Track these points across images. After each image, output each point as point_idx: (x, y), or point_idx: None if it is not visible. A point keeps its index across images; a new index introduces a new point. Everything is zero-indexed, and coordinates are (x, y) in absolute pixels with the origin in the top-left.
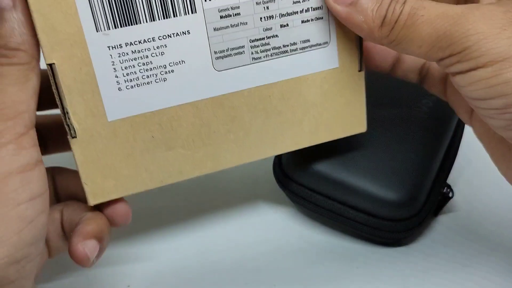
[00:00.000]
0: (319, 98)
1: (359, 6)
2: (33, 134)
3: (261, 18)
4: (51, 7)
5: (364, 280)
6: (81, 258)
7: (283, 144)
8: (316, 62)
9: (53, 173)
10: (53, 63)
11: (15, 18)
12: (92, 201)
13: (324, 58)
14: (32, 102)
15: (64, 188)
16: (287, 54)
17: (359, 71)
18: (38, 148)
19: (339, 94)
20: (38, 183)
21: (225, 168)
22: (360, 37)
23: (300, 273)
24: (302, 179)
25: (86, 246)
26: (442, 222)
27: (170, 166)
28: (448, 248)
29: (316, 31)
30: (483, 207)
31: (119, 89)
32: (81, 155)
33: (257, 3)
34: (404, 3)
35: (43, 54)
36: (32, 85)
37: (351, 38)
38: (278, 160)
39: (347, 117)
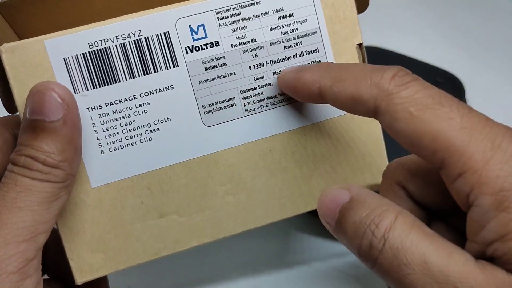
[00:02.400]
0: (328, 150)
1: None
2: (40, 255)
3: (250, 67)
4: (28, 72)
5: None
6: None
7: (295, 206)
8: (319, 110)
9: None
10: None
11: (61, 134)
12: (79, 278)
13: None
14: (54, 222)
15: (52, 264)
16: (284, 103)
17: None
18: (40, 270)
19: (351, 144)
20: None
21: (227, 236)
22: None
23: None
24: None
25: None
26: None
27: (165, 235)
28: None
29: None
30: None
31: (102, 152)
32: (65, 227)
33: (244, 51)
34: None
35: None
36: (61, 203)
37: None
38: None
39: (366, 168)
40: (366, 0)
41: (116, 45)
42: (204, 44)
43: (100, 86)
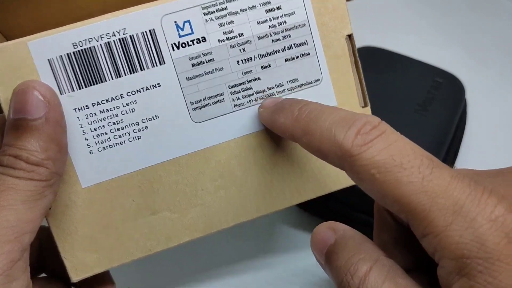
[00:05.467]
0: None
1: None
2: (26, 256)
3: (238, 62)
4: (13, 75)
5: None
6: None
7: (284, 199)
8: None
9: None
10: None
11: (44, 132)
12: (74, 277)
13: (319, 97)
14: (40, 221)
15: (50, 262)
16: (274, 96)
17: (363, 107)
18: (28, 272)
19: None
20: None
21: (219, 230)
22: (357, 69)
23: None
24: None
25: None
26: None
27: (157, 232)
28: None
29: (304, 69)
30: None
31: (91, 152)
32: (57, 228)
33: (231, 46)
34: None
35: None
36: (45, 203)
37: (346, 71)
38: None
39: None
40: None
41: (101, 44)
42: (190, 41)
43: (86, 86)
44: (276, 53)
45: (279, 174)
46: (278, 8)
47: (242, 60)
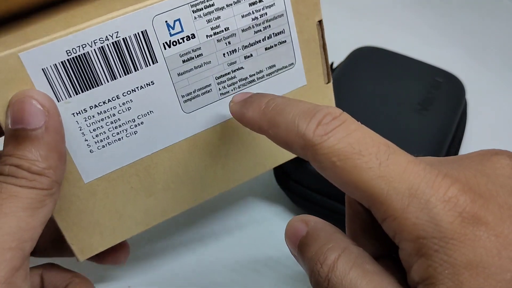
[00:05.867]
0: None
1: None
2: (27, 264)
3: (224, 54)
4: (7, 87)
5: None
6: None
7: (262, 165)
8: (283, 84)
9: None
10: None
11: (44, 141)
12: (81, 258)
13: (292, 79)
14: (40, 229)
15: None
16: (254, 83)
17: (327, 83)
18: (29, 281)
19: None
20: None
21: (207, 199)
22: (324, 51)
23: (300, 273)
24: (303, 179)
25: None
26: None
27: (154, 210)
28: None
29: (281, 55)
30: None
31: (91, 151)
32: (63, 221)
33: (218, 41)
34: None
35: None
36: (46, 211)
37: (316, 54)
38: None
39: None
40: None
41: (95, 49)
42: (181, 38)
43: (82, 91)
44: (258, 43)
45: (257, 145)
46: (260, 1)
47: (227, 53)
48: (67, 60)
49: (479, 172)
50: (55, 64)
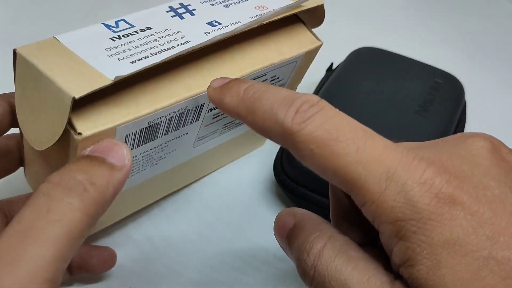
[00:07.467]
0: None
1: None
2: None
3: None
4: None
5: None
6: None
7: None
8: None
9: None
10: None
11: (114, 179)
12: None
13: None
14: (67, 263)
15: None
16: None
17: None
18: None
19: None
20: None
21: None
22: None
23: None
24: (302, 179)
25: None
26: None
27: (140, 199)
28: None
29: None
30: None
31: None
32: None
33: None
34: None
35: None
36: (79, 244)
37: None
38: (279, 159)
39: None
40: (322, 15)
41: (166, 119)
42: None
43: (142, 145)
44: None
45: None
46: (277, 78)
47: None
48: (145, 127)
49: (455, 154)
50: (136, 131)
